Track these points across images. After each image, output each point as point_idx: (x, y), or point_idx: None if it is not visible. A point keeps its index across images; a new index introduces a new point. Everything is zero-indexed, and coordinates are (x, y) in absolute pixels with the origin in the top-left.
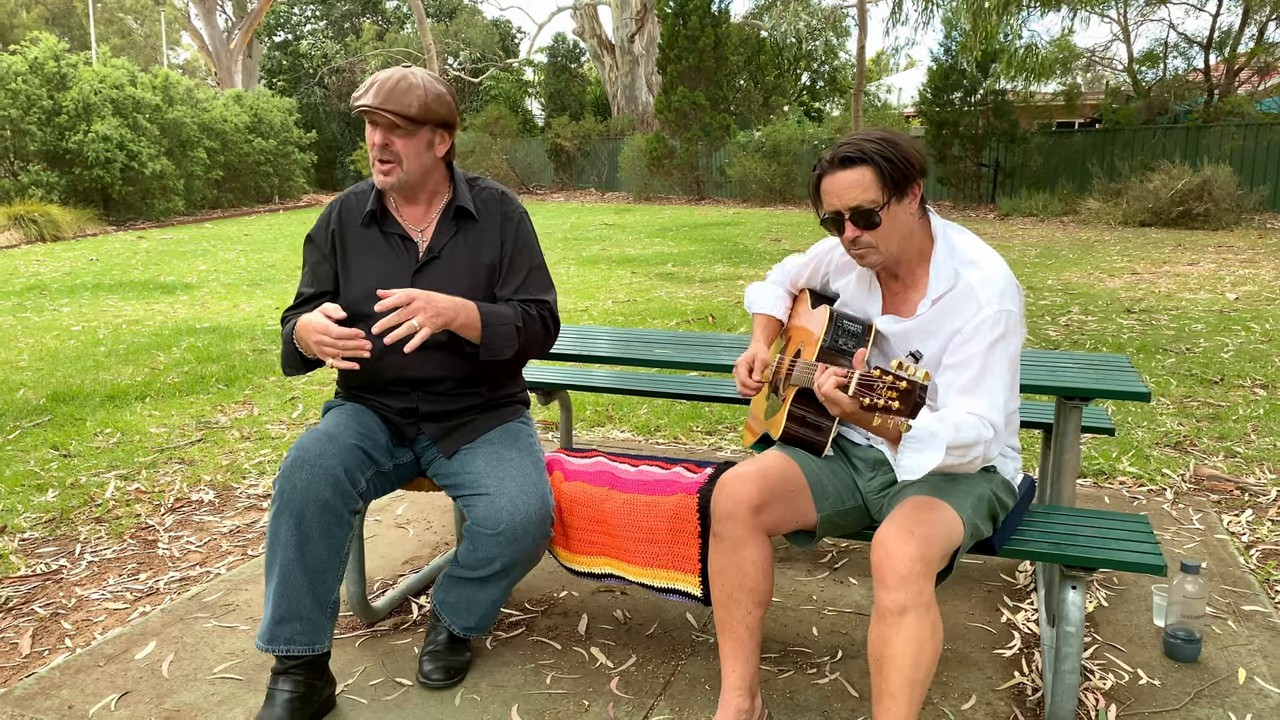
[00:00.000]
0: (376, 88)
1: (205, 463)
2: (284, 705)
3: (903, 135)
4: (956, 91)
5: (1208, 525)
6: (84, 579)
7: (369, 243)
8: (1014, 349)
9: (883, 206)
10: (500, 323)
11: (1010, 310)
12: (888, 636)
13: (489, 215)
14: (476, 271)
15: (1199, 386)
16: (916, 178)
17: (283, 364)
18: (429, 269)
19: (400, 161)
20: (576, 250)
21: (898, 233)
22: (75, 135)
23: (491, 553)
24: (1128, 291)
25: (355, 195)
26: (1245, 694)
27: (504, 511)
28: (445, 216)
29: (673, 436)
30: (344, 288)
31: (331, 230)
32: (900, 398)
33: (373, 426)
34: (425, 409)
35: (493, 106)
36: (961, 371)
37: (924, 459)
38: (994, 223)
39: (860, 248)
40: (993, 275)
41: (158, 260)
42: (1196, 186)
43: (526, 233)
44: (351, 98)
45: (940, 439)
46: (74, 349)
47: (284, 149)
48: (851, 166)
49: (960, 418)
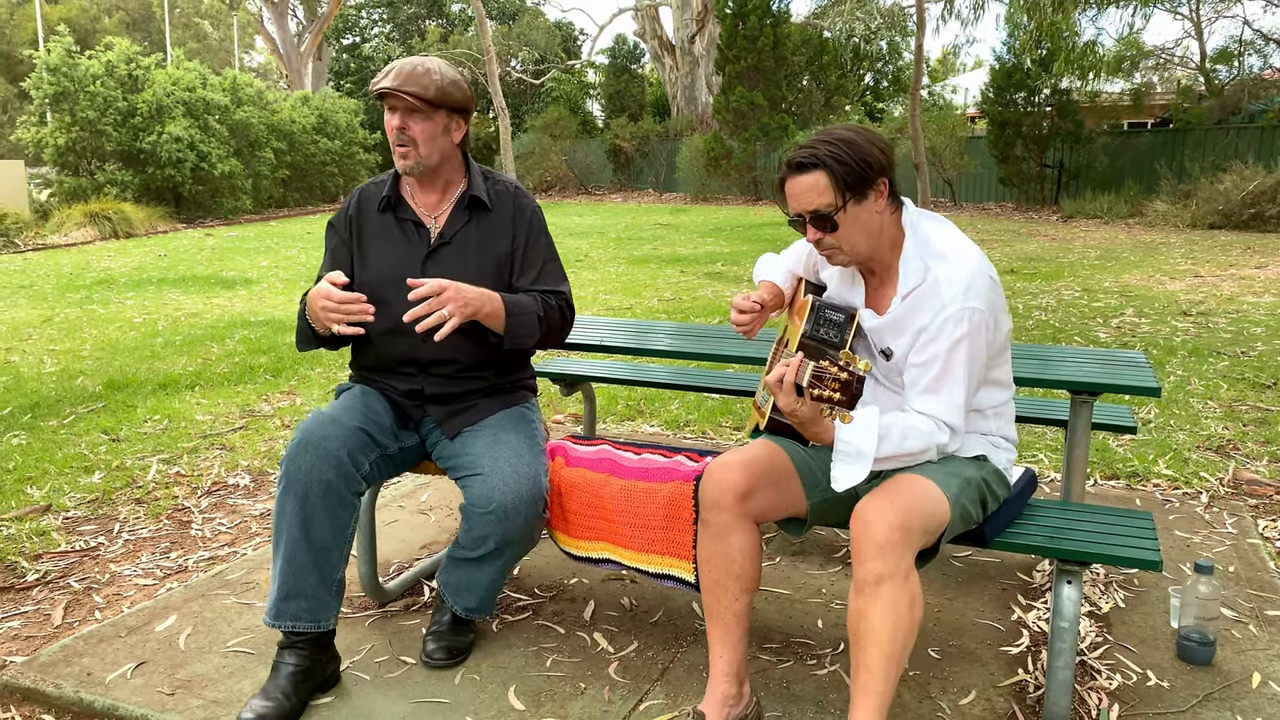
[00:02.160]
0: (395, 72)
1: (245, 449)
2: (287, 678)
3: (867, 133)
4: (1020, 91)
5: (1241, 529)
6: (119, 556)
7: (384, 228)
8: (979, 346)
9: (839, 209)
10: (523, 312)
11: (975, 307)
12: (864, 609)
13: (502, 206)
14: (486, 260)
15: (1250, 390)
16: (877, 177)
17: (296, 340)
18: (439, 254)
19: (417, 145)
20: (629, 250)
21: (861, 233)
22: (149, 136)
23: (485, 531)
24: (1188, 294)
25: (375, 183)
26: (1257, 698)
27: (496, 490)
28: (459, 205)
29: (701, 431)
30: (358, 271)
31: (350, 216)
32: (841, 388)
33: (378, 409)
34: (431, 391)
35: (553, 108)
36: (925, 371)
37: (851, 472)
38: (1056, 225)
39: (825, 249)
40: (959, 271)
41: (222, 256)
42: (1270, 188)
43: (540, 227)
44: (370, 84)
45: (867, 457)
46: (133, 340)
47: (349, 149)
48: (805, 171)
49: (914, 423)
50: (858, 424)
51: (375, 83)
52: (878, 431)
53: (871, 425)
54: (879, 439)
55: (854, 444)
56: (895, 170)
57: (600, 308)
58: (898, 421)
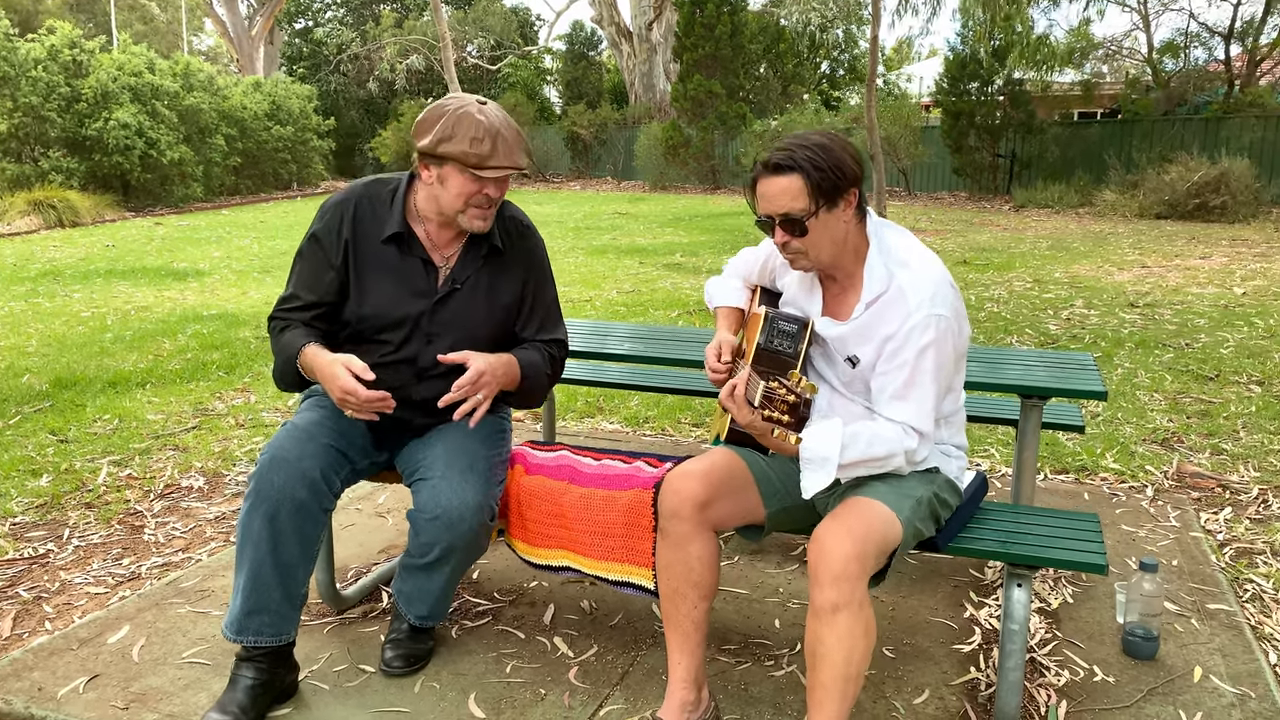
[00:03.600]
0: (507, 146)
1: (198, 449)
2: (245, 691)
3: (841, 141)
4: (973, 81)
5: (1184, 523)
6: (69, 563)
7: (385, 261)
8: (946, 352)
9: (811, 215)
10: (535, 373)
11: (941, 314)
12: (821, 634)
13: (512, 248)
14: (495, 308)
15: (1194, 382)
16: (849, 186)
17: (277, 378)
18: (449, 300)
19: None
20: (587, 239)
21: (828, 240)
22: (95, 122)
23: (431, 538)
24: (1135, 285)
25: (370, 204)
26: (1198, 692)
27: (442, 495)
28: (472, 247)
29: (661, 428)
30: (355, 302)
31: (345, 240)
32: (789, 410)
33: (350, 429)
34: (418, 422)
35: (510, 94)
36: (893, 377)
37: (818, 478)
38: (1009, 214)
39: (790, 253)
40: (924, 279)
41: (172, 247)
42: (1214, 179)
43: (546, 270)
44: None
45: (832, 463)
46: (81, 335)
47: (302, 136)
48: (781, 173)
49: (881, 430)
50: (821, 432)
51: (486, 155)
52: (841, 439)
53: (835, 432)
54: (843, 446)
55: (819, 452)
56: (864, 181)
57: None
58: (864, 429)
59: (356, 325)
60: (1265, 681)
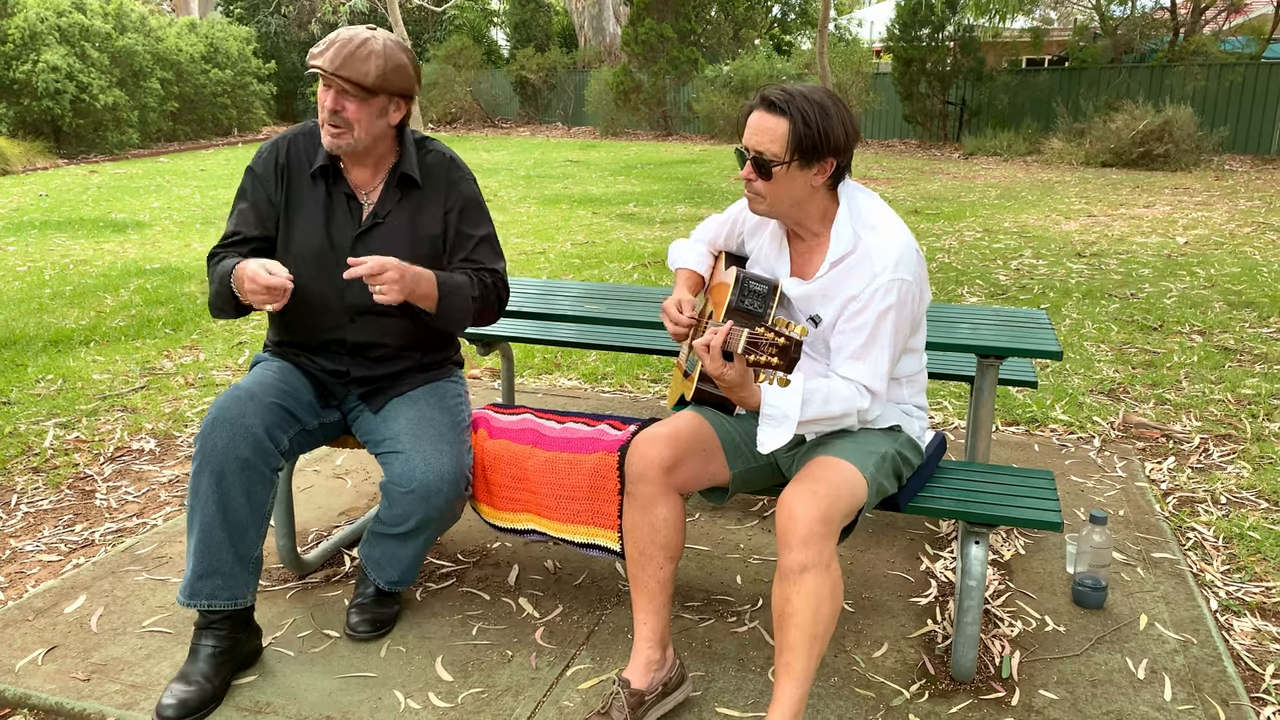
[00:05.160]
0: (335, 50)
1: (148, 410)
2: (207, 659)
3: (844, 110)
4: (925, 27)
5: (1130, 473)
6: (19, 530)
7: (314, 197)
8: (905, 317)
9: (782, 164)
10: (457, 293)
11: (905, 279)
12: (789, 594)
13: (434, 182)
14: (419, 240)
15: (1139, 333)
16: (829, 154)
17: (211, 306)
18: (372, 234)
19: (351, 128)
20: (539, 189)
21: (789, 195)
22: (23, 65)
23: (406, 510)
24: (1081, 235)
25: (304, 137)
26: (1144, 640)
27: (417, 470)
28: (390, 182)
29: (619, 384)
30: (284, 238)
31: (280, 167)
32: (779, 353)
33: (297, 385)
34: (357, 374)
35: (456, 37)
36: (852, 337)
37: (776, 434)
38: (958, 162)
39: (751, 191)
40: (890, 242)
41: (109, 196)
42: (1158, 127)
43: (474, 202)
44: (309, 53)
45: (792, 420)
46: (18, 291)
47: (242, 80)
48: (773, 112)
49: (836, 388)
50: (783, 388)
51: (313, 54)
52: (802, 396)
53: (796, 390)
54: (803, 403)
55: (780, 408)
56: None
57: (513, 252)
58: (821, 386)
59: (288, 262)
60: (1207, 628)
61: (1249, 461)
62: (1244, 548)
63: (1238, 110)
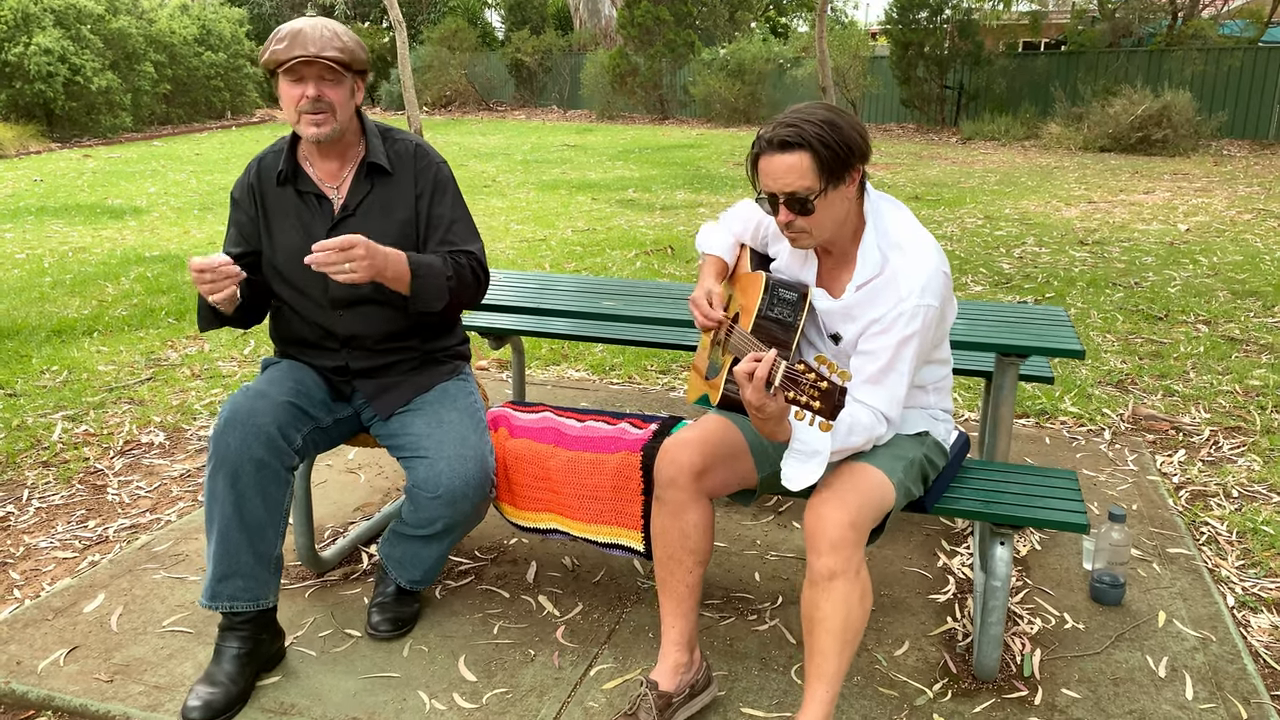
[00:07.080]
0: (303, 38)
1: (155, 403)
2: (231, 660)
3: (846, 115)
4: (922, 10)
5: (1141, 466)
6: (32, 526)
7: (285, 203)
8: (927, 340)
9: (818, 194)
10: (430, 274)
11: (930, 305)
12: (818, 600)
13: (403, 168)
14: (391, 228)
15: (1144, 323)
16: (856, 162)
17: (198, 319)
18: (343, 227)
19: (334, 111)
20: (537, 174)
21: (832, 218)
22: (15, 48)
23: (432, 514)
24: (1083, 221)
25: (272, 155)
26: (1163, 637)
27: (443, 475)
28: (359, 173)
29: (627, 376)
30: (268, 248)
31: (252, 185)
32: (822, 398)
33: (309, 383)
34: (356, 366)
35: (450, 19)
36: (871, 360)
37: (805, 470)
38: (956, 147)
39: (794, 231)
40: (918, 266)
41: (105, 181)
42: (1156, 112)
43: (445, 185)
44: (268, 55)
45: (823, 457)
46: (18, 279)
47: (235, 62)
48: (789, 150)
49: (859, 417)
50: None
51: (282, 51)
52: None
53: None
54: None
55: (810, 444)
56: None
57: (513, 239)
58: (843, 418)
59: (274, 271)
60: (1225, 625)
61: (1259, 454)
62: (1258, 542)
63: (1236, 95)
